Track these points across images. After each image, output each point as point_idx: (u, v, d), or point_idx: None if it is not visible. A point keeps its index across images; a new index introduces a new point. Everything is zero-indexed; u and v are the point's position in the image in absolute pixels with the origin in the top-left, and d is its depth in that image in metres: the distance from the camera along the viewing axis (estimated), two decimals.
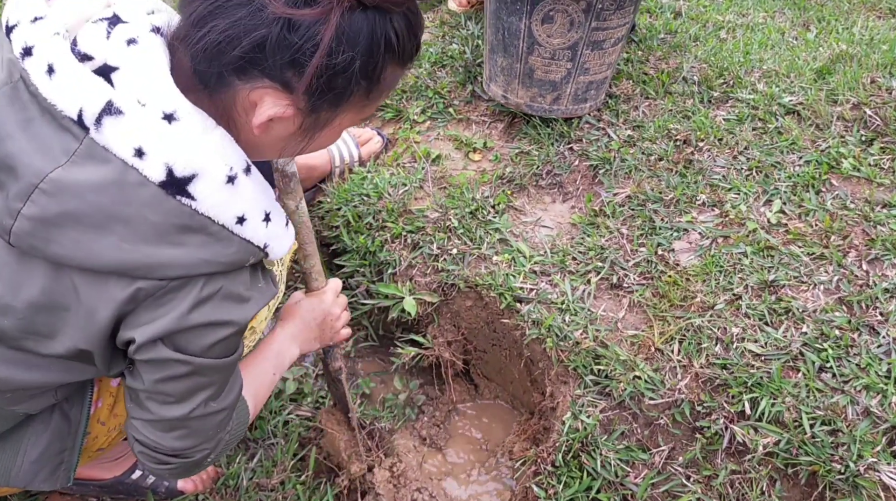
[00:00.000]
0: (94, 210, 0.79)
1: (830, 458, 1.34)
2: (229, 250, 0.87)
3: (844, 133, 1.95)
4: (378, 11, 0.80)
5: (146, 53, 0.82)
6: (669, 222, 1.79)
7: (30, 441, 1.04)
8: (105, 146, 0.78)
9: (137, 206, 0.80)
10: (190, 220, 0.83)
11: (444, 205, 1.92)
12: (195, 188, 0.81)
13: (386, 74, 0.87)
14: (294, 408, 1.74)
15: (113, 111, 0.78)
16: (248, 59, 0.80)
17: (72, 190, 0.78)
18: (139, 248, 0.82)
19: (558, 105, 2.03)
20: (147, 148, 0.79)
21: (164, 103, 0.80)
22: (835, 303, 1.56)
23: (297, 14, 0.76)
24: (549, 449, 1.55)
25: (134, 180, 0.79)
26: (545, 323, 1.63)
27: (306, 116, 0.86)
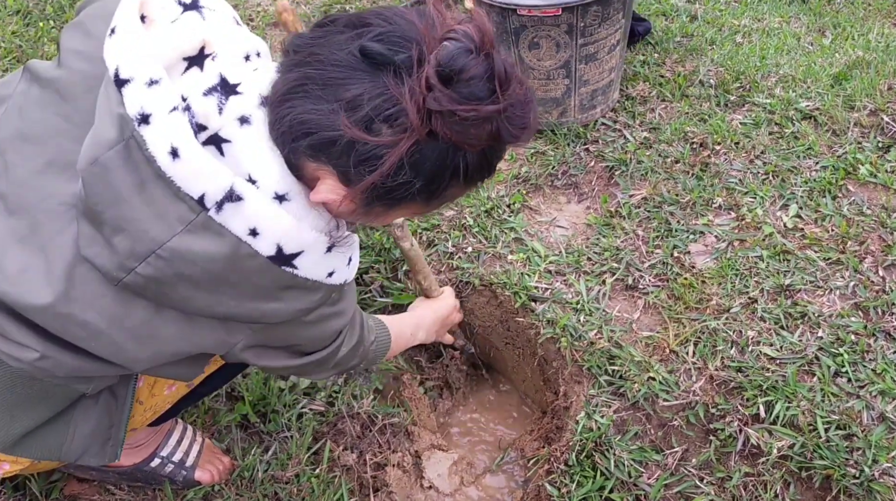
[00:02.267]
0: (206, 276, 0.85)
1: (845, 462, 1.34)
2: (318, 295, 0.95)
3: (861, 139, 1.95)
4: (452, 145, 0.81)
5: (258, 133, 0.84)
6: (685, 224, 1.79)
7: (81, 417, 1.07)
8: (222, 224, 0.82)
9: (247, 273, 0.86)
10: (291, 282, 0.90)
11: (460, 203, 1.93)
12: (300, 261, 0.88)
13: (448, 192, 0.88)
14: (308, 402, 1.74)
15: (234, 198, 0.81)
16: (317, 148, 0.82)
17: (187, 258, 0.83)
18: (245, 304, 0.90)
19: (566, 118, 2.04)
20: (261, 229, 0.83)
21: (276, 185, 0.84)
22: (850, 308, 1.56)
23: (365, 138, 0.78)
24: (562, 448, 1.55)
25: (245, 253, 0.84)
26: (560, 323, 1.63)
27: (360, 207, 0.88)
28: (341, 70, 0.79)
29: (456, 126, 0.78)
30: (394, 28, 0.80)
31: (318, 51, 0.81)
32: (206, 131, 0.82)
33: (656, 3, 2.67)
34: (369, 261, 1.92)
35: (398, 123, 0.77)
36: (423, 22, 0.79)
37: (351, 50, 0.79)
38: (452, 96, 0.76)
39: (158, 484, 1.46)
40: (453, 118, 0.77)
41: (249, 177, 0.83)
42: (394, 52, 0.78)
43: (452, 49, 0.78)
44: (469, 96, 0.77)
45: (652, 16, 2.57)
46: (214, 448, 1.55)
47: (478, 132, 0.79)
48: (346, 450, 1.67)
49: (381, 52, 0.77)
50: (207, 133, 0.82)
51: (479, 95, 0.78)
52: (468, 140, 0.80)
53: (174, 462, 1.45)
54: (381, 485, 1.63)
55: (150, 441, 1.42)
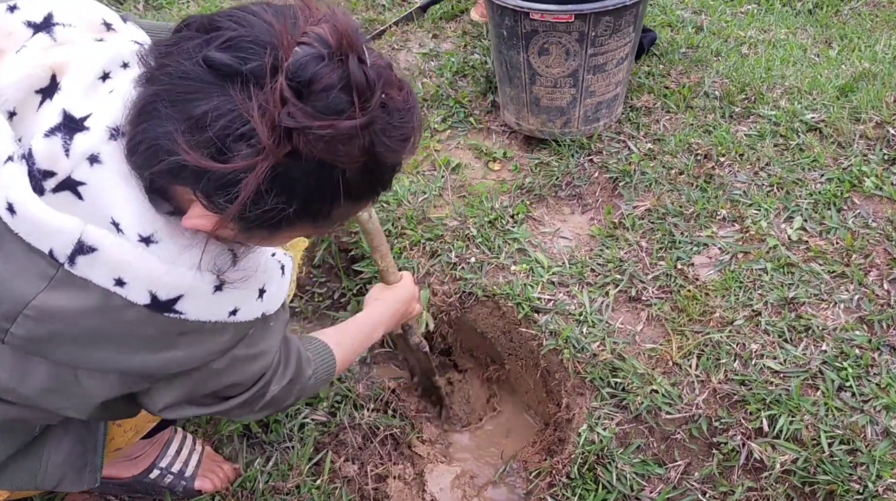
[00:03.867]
0: (83, 331, 0.78)
1: (849, 478, 1.33)
2: (225, 337, 0.86)
3: (867, 151, 1.94)
4: (322, 164, 0.70)
5: (111, 172, 0.75)
6: (689, 236, 1.78)
7: (52, 446, 1.05)
8: (82, 277, 0.75)
9: (127, 324, 0.78)
10: (183, 327, 0.81)
11: (464, 214, 1.93)
12: (183, 305, 0.80)
13: (335, 213, 0.77)
14: (310, 412, 1.74)
15: (85, 250, 0.73)
16: (174, 173, 0.71)
17: (56, 315, 0.76)
18: (136, 357, 0.81)
19: (569, 128, 2.05)
20: (126, 278, 0.76)
21: (139, 227, 0.76)
22: (855, 322, 1.55)
23: (210, 166, 0.67)
24: (564, 461, 1.54)
25: (118, 304, 0.77)
26: (562, 334, 1.63)
27: (240, 232, 0.78)
28: (190, 83, 0.68)
29: (319, 143, 0.67)
30: (245, 32, 0.68)
31: (168, 62, 0.70)
32: (54, 177, 0.73)
33: (662, 15, 2.67)
34: (372, 271, 1.93)
35: (254, 142, 0.66)
36: (280, 22, 0.68)
37: (198, 59, 0.68)
38: (307, 111, 0.66)
39: (159, 495, 1.46)
40: (313, 135, 0.66)
41: (112, 220, 0.75)
42: (242, 60, 0.67)
43: (302, 56, 0.66)
44: (325, 110, 0.66)
45: (657, 27, 2.58)
46: (216, 455, 1.55)
47: (347, 149, 0.68)
48: (347, 461, 1.67)
49: (225, 63, 0.67)
50: (57, 178, 0.74)
51: (337, 107, 0.67)
52: (338, 158, 0.69)
53: (173, 472, 1.45)
54: (383, 497, 1.63)
55: (147, 452, 1.42)
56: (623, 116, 2.15)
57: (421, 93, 2.35)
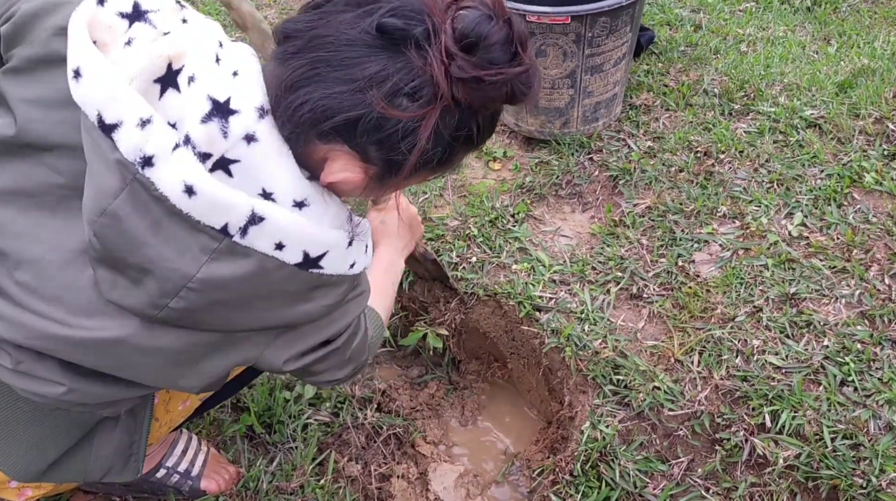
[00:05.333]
0: (239, 296, 0.86)
1: (852, 472, 1.33)
2: (343, 287, 0.96)
3: (866, 147, 1.95)
4: (470, 110, 0.82)
5: (266, 146, 0.82)
6: (690, 233, 1.79)
7: (102, 438, 1.08)
8: (247, 245, 0.82)
9: (277, 284, 0.87)
10: (318, 281, 0.91)
11: (464, 213, 1.93)
12: (326, 261, 0.89)
13: (458, 158, 0.90)
14: (313, 413, 1.74)
15: (257, 221, 0.81)
16: (337, 130, 0.82)
17: (218, 284, 0.83)
18: (279, 312, 0.91)
19: (568, 128, 2.05)
20: (287, 241, 0.84)
21: (294, 192, 0.85)
22: (857, 317, 1.55)
23: (396, 114, 0.78)
24: (567, 459, 1.55)
25: (272, 266, 0.85)
26: (564, 332, 1.63)
27: (373, 182, 0.89)
28: (356, 49, 0.78)
29: (478, 92, 0.79)
30: (403, 3, 0.80)
31: (324, 32, 0.80)
32: (210, 158, 0.81)
33: (660, 13, 2.67)
34: None
35: (421, 95, 0.78)
36: None
37: (364, 27, 0.79)
38: (476, 62, 0.78)
39: (165, 495, 1.46)
40: (477, 84, 0.78)
41: (264, 191, 0.83)
42: (411, 25, 0.78)
43: (474, 17, 0.79)
44: (492, 61, 0.78)
45: (656, 25, 2.58)
46: (220, 457, 1.55)
47: (496, 95, 0.81)
48: (350, 461, 1.67)
49: (399, 27, 0.78)
50: (213, 159, 0.81)
51: (501, 59, 0.79)
52: (487, 103, 0.82)
53: (179, 472, 1.45)
54: (387, 497, 1.63)
55: (155, 451, 1.42)
56: (622, 115, 2.15)
57: None
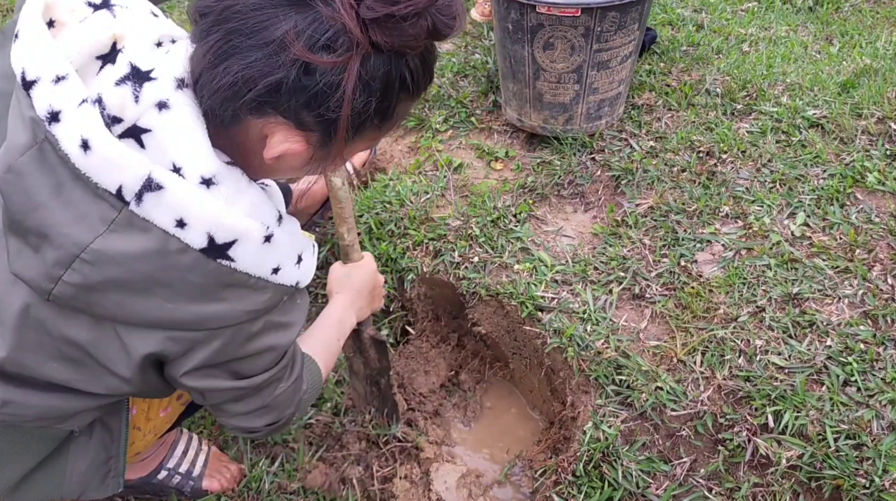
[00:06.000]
0: (137, 276, 0.81)
1: (855, 472, 1.33)
2: (265, 296, 0.90)
3: (869, 147, 1.94)
4: (394, 53, 0.79)
5: (179, 116, 0.80)
6: (692, 233, 1.78)
7: (75, 455, 1.06)
8: (145, 218, 0.79)
9: (180, 270, 0.82)
10: (230, 278, 0.85)
11: (466, 213, 1.93)
12: (235, 252, 0.84)
13: (399, 109, 0.87)
14: (315, 413, 1.74)
15: (153, 187, 0.77)
16: (262, 100, 0.79)
17: (114, 259, 0.79)
18: (182, 306, 0.85)
19: (571, 125, 2.05)
20: (188, 218, 0.79)
21: (202, 168, 0.81)
22: (859, 317, 1.55)
23: (317, 60, 0.75)
24: (569, 459, 1.54)
25: (175, 248, 0.80)
26: (567, 332, 1.63)
27: (317, 149, 0.86)
28: (264, 12, 0.76)
29: (395, 31, 0.76)
30: None
31: (232, 2, 0.77)
32: (121, 124, 0.79)
33: (662, 13, 2.67)
34: None
35: (337, 45, 0.75)
36: None
37: None
38: (383, 1, 0.75)
39: (167, 496, 1.46)
40: (391, 22, 0.76)
41: (174, 165, 0.80)
42: None
43: None
44: None
45: (658, 25, 2.58)
46: (222, 455, 1.56)
47: (416, 32, 0.77)
48: (353, 462, 1.67)
49: None
50: (124, 125, 0.79)
51: None
52: (408, 42, 0.78)
53: (181, 472, 1.45)
54: (389, 497, 1.63)
55: (155, 453, 1.42)
56: (625, 115, 2.15)
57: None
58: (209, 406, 1.04)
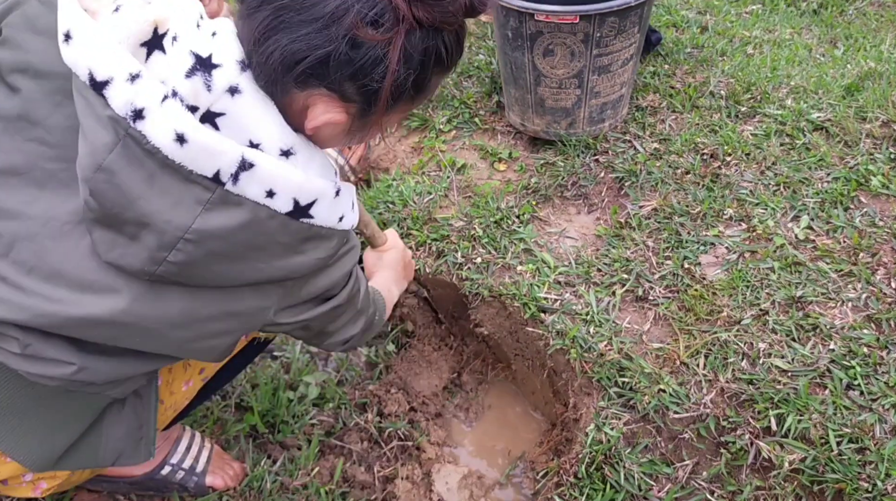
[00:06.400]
0: (235, 247, 0.88)
1: (857, 476, 1.32)
2: (333, 242, 0.99)
3: (873, 150, 1.94)
4: (433, 29, 0.85)
5: (250, 98, 0.85)
6: (696, 235, 1.78)
7: (111, 422, 1.09)
8: (238, 194, 0.85)
9: (270, 233, 0.89)
10: (309, 233, 0.94)
11: (469, 214, 1.93)
12: (315, 210, 0.92)
13: (432, 83, 0.93)
14: (317, 413, 1.74)
15: (247, 167, 0.84)
16: (309, 73, 0.84)
17: (213, 234, 0.85)
18: (273, 264, 0.93)
19: (574, 129, 2.05)
20: (277, 188, 0.87)
21: (280, 141, 0.88)
22: (863, 320, 1.55)
23: (367, 35, 0.81)
24: (571, 461, 1.54)
25: (265, 215, 0.87)
26: (569, 334, 1.63)
27: (356, 120, 0.92)
28: None
29: (436, 8, 0.82)
30: None
31: None
32: (197, 111, 0.84)
33: (667, 15, 2.67)
34: None
35: (384, 21, 0.81)
36: None
37: None
38: None
39: (169, 492, 1.46)
40: (435, 1, 0.82)
41: (251, 142, 0.86)
42: None
43: None
44: None
45: (662, 27, 2.58)
46: (224, 453, 1.56)
47: (455, 9, 0.83)
48: (354, 462, 1.67)
49: None
50: (199, 113, 0.84)
51: None
52: (447, 19, 0.84)
53: (184, 468, 1.46)
54: (390, 497, 1.63)
55: (159, 448, 1.43)
56: (629, 116, 2.15)
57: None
58: (311, 338, 1.16)
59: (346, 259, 1.06)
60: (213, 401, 1.71)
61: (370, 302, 1.26)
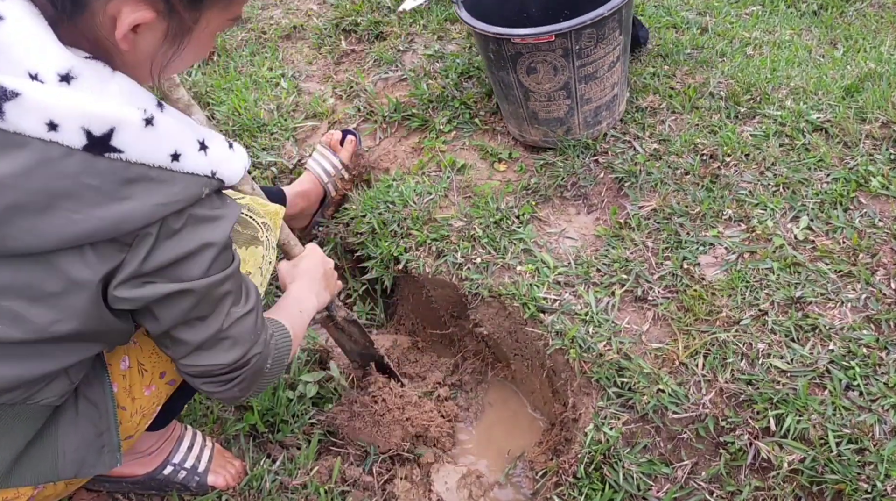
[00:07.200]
0: (33, 195, 0.79)
1: (857, 477, 1.32)
2: (175, 187, 0.87)
3: (873, 151, 1.94)
4: None
5: (15, 24, 0.78)
6: (695, 236, 1.78)
7: (65, 433, 1.05)
8: (16, 131, 0.77)
9: (72, 176, 0.80)
10: (126, 172, 0.83)
11: (469, 214, 1.93)
12: (118, 141, 0.81)
13: None
14: (316, 413, 1.74)
15: (9, 96, 0.75)
16: None
17: (4, 183, 0.78)
18: (91, 214, 0.81)
19: (571, 135, 2.05)
20: (57, 118, 0.77)
21: (55, 66, 0.79)
22: (862, 321, 1.55)
23: None
24: (570, 461, 1.54)
25: (57, 154, 0.78)
26: (568, 334, 1.63)
27: (169, 20, 0.85)
28: None
29: None
30: None
31: None
32: None
33: (667, 16, 2.67)
34: (378, 271, 1.92)
35: None
36: None
37: None
38: None
39: (170, 492, 1.47)
40: None
41: (29, 74, 0.78)
42: None
43: None
44: None
45: (662, 28, 2.58)
46: (225, 451, 1.56)
47: None
48: (354, 462, 1.67)
49: None
50: None
51: None
52: None
53: (186, 468, 1.46)
54: (390, 497, 1.63)
55: (161, 448, 1.43)
56: (628, 117, 2.15)
57: (427, 94, 2.36)
58: (167, 346, 1.01)
59: (202, 229, 0.91)
60: (213, 400, 1.71)
61: (258, 339, 1.06)
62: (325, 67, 2.69)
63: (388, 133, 2.32)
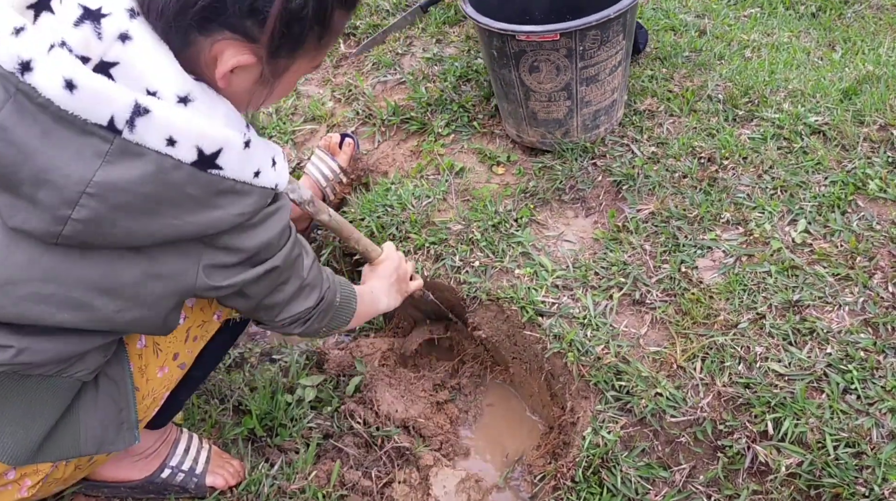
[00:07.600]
0: (142, 200, 0.86)
1: (854, 481, 1.33)
2: (251, 199, 0.96)
3: (871, 154, 1.94)
4: None
5: (142, 44, 0.84)
6: (693, 239, 1.78)
7: (87, 410, 1.08)
8: (138, 143, 0.84)
9: (178, 185, 0.87)
10: (220, 185, 0.91)
11: (467, 217, 1.93)
12: (223, 160, 0.90)
13: (335, 20, 0.94)
14: (314, 417, 1.74)
15: (142, 111, 0.82)
16: (208, 13, 0.84)
17: (117, 187, 0.84)
18: (188, 219, 0.90)
19: (569, 138, 2.05)
20: (177, 135, 0.85)
21: (175, 88, 0.86)
22: (860, 324, 1.55)
23: None
24: (568, 464, 1.54)
25: (170, 166, 0.86)
26: (567, 337, 1.63)
27: (266, 64, 0.92)
28: None
29: None
30: None
31: None
32: (90, 62, 0.83)
33: (665, 19, 2.67)
34: None
35: None
36: None
37: None
38: None
39: (168, 495, 1.47)
40: None
41: (148, 91, 0.85)
42: None
43: None
44: None
45: (661, 30, 2.58)
46: (223, 453, 1.56)
47: None
48: (352, 466, 1.67)
49: None
50: (92, 63, 0.83)
51: None
52: None
53: (184, 470, 1.46)
54: None
55: (158, 451, 1.43)
56: (626, 120, 2.15)
57: (425, 97, 2.36)
58: (256, 311, 1.13)
59: (273, 220, 1.03)
60: (211, 404, 1.71)
61: (324, 278, 1.24)
62: (324, 70, 2.69)
63: (387, 136, 2.33)
